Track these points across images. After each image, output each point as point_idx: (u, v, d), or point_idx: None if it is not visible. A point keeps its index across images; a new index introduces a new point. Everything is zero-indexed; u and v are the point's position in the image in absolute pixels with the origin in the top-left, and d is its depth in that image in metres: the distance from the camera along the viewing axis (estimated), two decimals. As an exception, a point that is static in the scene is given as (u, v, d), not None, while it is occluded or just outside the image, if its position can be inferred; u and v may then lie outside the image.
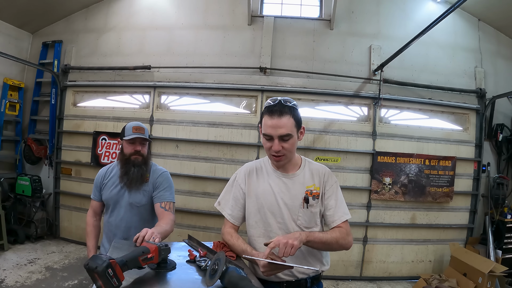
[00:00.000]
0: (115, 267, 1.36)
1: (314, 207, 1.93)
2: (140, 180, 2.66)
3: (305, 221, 1.93)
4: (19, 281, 4.63)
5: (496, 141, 6.11)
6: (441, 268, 5.78)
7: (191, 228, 5.86)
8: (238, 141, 5.91)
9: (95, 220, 2.88)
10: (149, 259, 1.57)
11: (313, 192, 1.94)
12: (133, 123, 2.70)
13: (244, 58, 6.11)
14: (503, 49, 6.34)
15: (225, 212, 2.09)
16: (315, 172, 2.00)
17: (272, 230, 1.96)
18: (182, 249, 2.07)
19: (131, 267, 1.49)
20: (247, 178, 2.08)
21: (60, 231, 6.67)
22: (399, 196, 5.77)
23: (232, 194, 2.10)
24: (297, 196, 1.94)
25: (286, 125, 1.81)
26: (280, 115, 1.80)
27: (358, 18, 6.19)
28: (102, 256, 1.38)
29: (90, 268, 1.34)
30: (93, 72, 6.51)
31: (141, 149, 2.67)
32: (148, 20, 6.48)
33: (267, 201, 1.97)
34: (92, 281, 1.39)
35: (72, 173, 6.56)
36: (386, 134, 5.92)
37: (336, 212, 1.94)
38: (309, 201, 1.92)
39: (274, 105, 1.83)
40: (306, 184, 1.96)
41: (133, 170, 2.64)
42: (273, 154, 1.87)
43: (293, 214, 1.94)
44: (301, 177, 1.99)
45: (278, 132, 1.81)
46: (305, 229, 1.92)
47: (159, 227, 2.32)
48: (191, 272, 1.74)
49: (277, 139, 1.82)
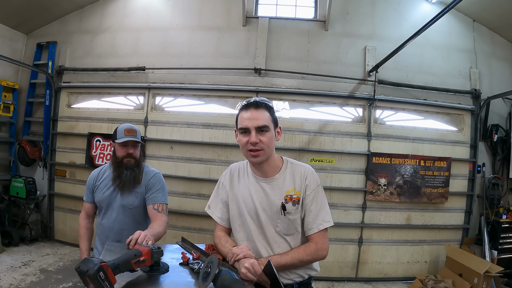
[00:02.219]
0: (107, 270, 1.36)
1: (292, 214, 1.85)
2: (133, 183, 2.65)
3: (284, 228, 1.86)
4: (13, 284, 4.59)
5: (491, 141, 6.13)
6: (437, 269, 5.79)
7: (186, 230, 5.84)
8: (233, 142, 5.88)
9: (88, 222, 2.85)
10: (141, 262, 1.56)
11: (293, 197, 1.86)
12: (125, 125, 2.68)
13: (239, 59, 6.10)
14: (498, 50, 6.37)
15: (214, 216, 2.09)
16: (297, 175, 1.91)
17: (252, 235, 1.91)
18: (175, 251, 2.06)
19: (123, 270, 1.48)
20: (229, 181, 2.06)
21: (55, 233, 6.63)
22: (394, 197, 5.78)
23: (220, 197, 2.08)
24: (275, 203, 1.87)
25: (263, 117, 1.81)
26: (256, 107, 1.82)
27: (353, 19, 6.20)
28: (93, 259, 1.37)
29: (81, 272, 1.33)
30: (88, 73, 6.48)
31: (134, 151, 2.66)
32: (142, 21, 6.46)
33: (246, 206, 1.93)
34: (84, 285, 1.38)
35: (66, 174, 6.53)
36: (381, 135, 5.93)
37: (315, 220, 1.86)
38: (286, 208, 1.84)
39: (250, 102, 1.86)
40: (285, 189, 1.88)
41: (125, 173, 2.63)
42: (250, 148, 1.82)
43: (272, 221, 1.88)
44: (281, 181, 1.91)
45: (255, 123, 1.80)
46: (285, 236, 1.87)
47: (152, 229, 2.31)
48: (184, 275, 1.73)
49: (254, 130, 1.80)
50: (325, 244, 1.86)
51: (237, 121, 1.90)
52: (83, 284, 1.38)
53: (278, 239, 1.87)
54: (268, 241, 1.88)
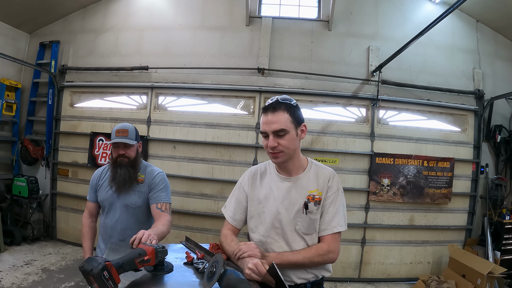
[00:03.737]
0: (111, 270, 1.34)
1: (313, 214, 1.86)
2: (129, 183, 2.63)
3: (304, 227, 1.87)
4: (15, 283, 4.59)
5: (494, 142, 6.11)
6: (440, 270, 5.77)
7: (189, 229, 5.83)
8: (236, 142, 5.89)
9: (91, 222, 2.85)
10: (145, 261, 1.54)
11: (315, 197, 1.87)
12: (118, 126, 2.68)
13: (242, 59, 6.09)
14: (501, 50, 6.34)
15: (227, 215, 2.09)
16: (320, 176, 1.93)
17: (269, 235, 1.92)
18: (180, 251, 2.05)
19: (127, 269, 1.46)
20: (250, 182, 2.06)
21: (57, 233, 6.63)
22: (397, 197, 5.76)
23: (235, 197, 2.09)
24: (297, 201, 1.88)
25: (279, 121, 1.78)
26: (274, 111, 1.79)
27: (356, 19, 6.18)
28: (97, 258, 1.36)
29: (85, 271, 1.32)
30: (91, 72, 6.48)
31: (126, 152, 2.64)
32: (145, 20, 6.46)
33: (267, 206, 1.94)
34: (87, 284, 1.37)
35: (69, 174, 6.53)
36: (385, 135, 5.91)
37: (330, 222, 1.87)
38: (308, 207, 1.86)
39: (270, 103, 1.83)
40: (308, 189, 1.90)
41: (119, 173, 2.62)
42: (270, 151, 1.83)
43: (292, 219, 1.88)
44: (304, 180, 1.92)
45: (271, 127, 1.79)
46: (304, 235, 1.87)
47: (156, 228, 2.30)
48: (189, 274, 1.71)
49: (271, 135, 1.79)
50: (336, 247, 1.88)
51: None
52: (87, 283, 1.36)
53: (296, 238, 1.88)
54: (287, 240, 1.88)
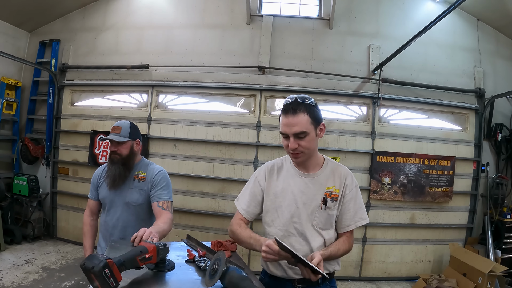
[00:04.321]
0: (112, 267, 1.34)
1: (331, 209, 1.91)
2: (118, 180, 2.62)
3: (321, 223, 1.91)
4: (15, 282, 4.59)
5: (495, 141, 6.11)
6: (441, 268, 5.77)
7: (189, 228, 5.83)
8: (236, 140, 5.89)
9: (92, 220, 2.85)
10: (147, 259, 1.54)
11: (332, 193, 1.92)
12: (115, 124, 2.68)
13: (243, 57, 6.08)
14: (502, 49, 6.34)
15: (239, 207, 2.10)
16: (336, 173, 1.97)
17: (287, 229, 1.94)
18: (181, 249, 2.05)
19: (129, 267, 1.46)
20: (267, 176, 2.07)
21: (57, 231, 6.64)
22: (398, 196, 5.76)
23: (250, 190, 2.10)
24: (315, 197, 1.92)
25: (300, 123, 1.78)
26: (294, 113, 1.78)
27: (357, 17, 6.17)
28: (99, 256, 1.36)
29: (86, 268, 1.31)
30: (91, 71, 6.48)
31: (117, 149, 2.62)
32: (146, 19, 6.45)
33: (285, 200, 1.96)
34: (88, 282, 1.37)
35: (69, 172, 6.53)
36: (385, 134, 5.91)
37: (353, 217, 1.93)
38: (327, 203, 1.90)
39: (289, 103, 1.82)
40: (326, 185, 1.94)
41: (111, 169, 2.62)
42: (290, 152, 1.86)
43: (310, 215, 1.91)
44: (322, 177, 1.96)
45: (292, 130, 1.79)
46: (321, 230, 1.91)
47: (157, 226, 2.29)
48: (190, 272, 1.72)
49: (292, 137, 1.80)
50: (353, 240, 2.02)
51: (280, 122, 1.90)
52: (88, 281, 1.36)
53: (313, 233, 1.91)
54: (305, 235, 1.91)
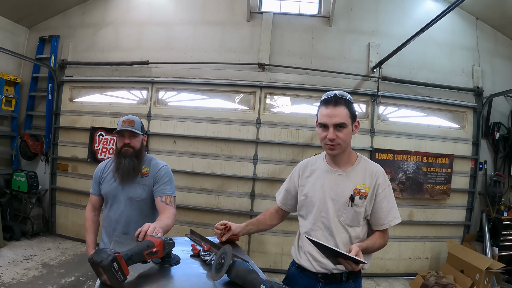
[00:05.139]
0: (120, 261, 1.35)
1: (359, 207, 1.93)
2: (132, 173, 2.61)
3: (348, 219, 1.95)
4: (15, 278, 4.60)
5: (493, 139, 6.17)
6: (438, 265, 5.83)
7: (189, 224, 5.83)
8: (236, 137, 5.91)
9: (94, 215, 2.85)
10: (153, 253, 1.55)
11: (361, 191, 1.94)
12: (124, 117, 2.67)
13: (243, 54, 6.10)
14: (500, 48, 6.39)
15: (277, 199, 2.33)
16: (368, 172, 1.99)
17: (315, 223, 2.01)
18: (185, 244, 2.06)
19: (136, 261, 1.47)
20: (301, 174, 2.18)
21: (56, 228, 6.64)
22: (396, 193, 5.78)
23: (286, 186, 2.28)
24: (344, 193, 1.95)
25: (340, 114, 1.86)
26: (335, 105, 1.87)
27: (357, 15, 6.20)
28: (107, 250, 1.37)
29: (95, 262, 1.32)
30: (90, 67, 6.47)
31: (131, 141, 2.62)
32: (146, 15, 6.45)
33: (315, 195, 2.03)
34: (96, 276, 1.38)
35: (68, 169, 6.53)
36: (384, 131, 5.95)
37: (387, 216, 1.96)
38: (354, 200, 1.93)
39: (330, 96, 1.91)
40: (356, 183, 1.96)
41: (123, 162, 2.59)
42: (328, 143, 1.90)
43: (337, 210, 1.96)
44: (353, 174, 1.99)
45: (333, 120, 1.86)
46: (347, 226, 1.95)
47: (161, 221, 2.31)
48: (196, 266, 1.73)
49: (331, 127, 1.86)
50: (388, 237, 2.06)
51: (318, 114, 1.97)
52: (96, 275, 1.37)
53: (340, 229, 1.95)
54: (331, 230, 1.96)
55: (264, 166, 5.89)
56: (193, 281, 1.56)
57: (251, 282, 1.38)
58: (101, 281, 1.36)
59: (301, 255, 2.05)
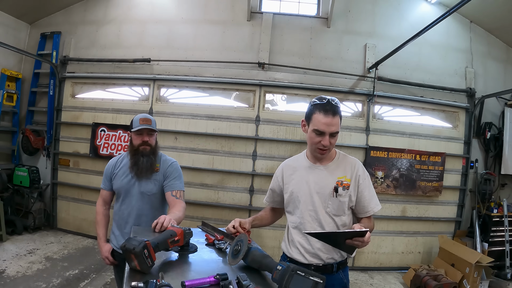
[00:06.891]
0: (150, 248, 1.48)
1: (342, 197, 2.08)
2: (150, 170, 2.73)
3: (334, 209, 2.09)
4: (20, 271, 4.67)
5: (484, 138, 6.35)
6: (430, 259, 6.01)
7: (189, 219, 5.95)
8: (236, 134, 6.04)
9: (105, 209, 2.93)
10: (176, 242, 1.70)
11: (343, 183, 2.09)
12: (141, 115, 2.76)
13: (243, 53, 6.22)
14: (493, 50, 6.56)
15: (265, 200, 2.53)
16: (348, 165, 2.15)
17: (303, 217, 2.14)
18: (198, 235, 2.21)
19: (161, 249, 1.61)
20: (284, 173, 2.34)
21: (58, 222, 6.71)
22: (390, 189, 5.97)
23: (271, 186, 2.46)
24: (328, 186, 2.10)
25: (337, 123, 2.02)
26: (334, 114, 1.99)
27: (354, 17, 6.34)
28: (137, 238, 1.49)
29: (127, 249, 1.45)
30: (92, 64, 6.53)
31: (149, 139, 2.73)
32: (148, 13, 6.52)
33: (300, 191, 2.17)
34: (126, 262, 1.51)
35: (70, 164, 6.60)
36: (379, 130, 6.11)
37: (370, 203, 2.12)
38: (338, 190, 2.07)
39: (326, 103, 2.01)
40: (337, 175, 2.12)
41: (142, 160, 2.70)
42: (321, 147, 2.05)
43: (323, 202, 2.10)
44: (334, 168, 2.15)
45: (331, 129, 2.00)
46: (334, 216, 2.10)
47: (173, 214, 2.44)
48: (212, 254, 1.88)
49: (328, 135, 2.01)
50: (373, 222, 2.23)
51: (311, 118, 2.08)
52: (126, 261, 1.51)
53: (327, 219, 2.10)
54: (320, 221, 2.10)
55: (263, 162, 6.02)
56: (212, 266, 1.69)
57: (267, 265, 1.52)
58: (131, 267, 1.49)
59: (292, 249, 2.18)
